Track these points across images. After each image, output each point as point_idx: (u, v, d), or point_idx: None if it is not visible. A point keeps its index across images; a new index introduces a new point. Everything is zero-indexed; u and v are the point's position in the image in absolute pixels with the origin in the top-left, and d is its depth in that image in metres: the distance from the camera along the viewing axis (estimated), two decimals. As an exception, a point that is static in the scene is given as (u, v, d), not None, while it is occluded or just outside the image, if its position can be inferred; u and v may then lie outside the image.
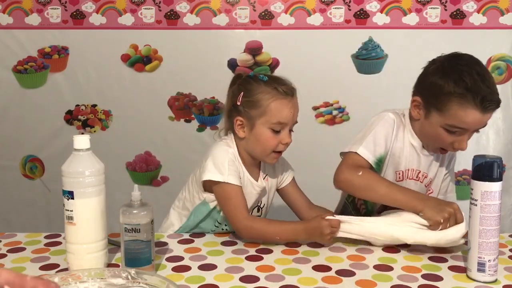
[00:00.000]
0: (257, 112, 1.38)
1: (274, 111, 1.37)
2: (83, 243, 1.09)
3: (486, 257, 1.05)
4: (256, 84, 1.40)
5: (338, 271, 1.12)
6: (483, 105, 1.27)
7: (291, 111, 1.39)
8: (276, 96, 1.38)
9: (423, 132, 1.42)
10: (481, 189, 1.03)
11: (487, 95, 1.28)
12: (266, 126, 1.37)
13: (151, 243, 1.07)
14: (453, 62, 1.37)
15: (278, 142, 1.38)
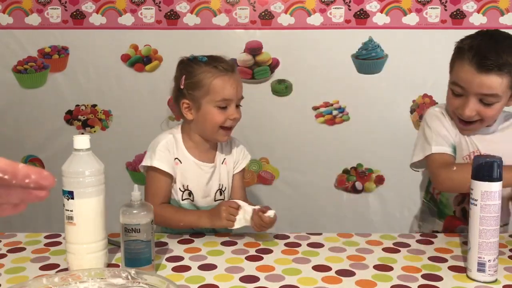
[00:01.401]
0: (201, 92, 1.41)
1: (217, 89, 1.40)
2: (83, 243, 1.09)
3: (486, 257, 1.05)
4: (197, 65, 1.43)
5: (338, 271, 1.12)
6: (477, 62, 1.26)
7: (233, 86, 1.42)
8: (216, 74, 1.41)
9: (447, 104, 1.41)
10: (481, 189, 1.03)
11: (485, 53, 1.26)
12: (212, 104, 1.41)
13: (151, 243, 1.07)
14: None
15: (226, 118, 1.42)
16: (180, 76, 1.45)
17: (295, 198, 2.46)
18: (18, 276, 1.09)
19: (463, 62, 1.31)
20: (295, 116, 2.42)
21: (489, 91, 1.29)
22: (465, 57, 1.30)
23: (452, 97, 1.35)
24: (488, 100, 1.30)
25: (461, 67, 1.31)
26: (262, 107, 2.39)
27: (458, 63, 1.32)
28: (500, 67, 1.26)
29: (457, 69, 1.33)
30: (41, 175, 0.57)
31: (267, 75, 2.40)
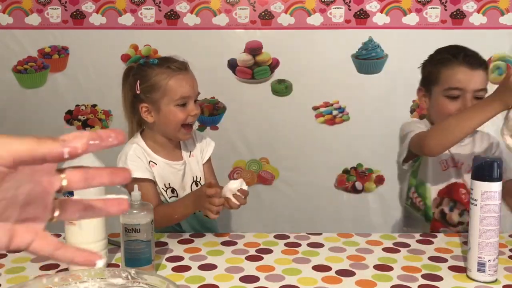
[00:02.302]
0: (158, 94, 1.43)
1: (174, 88, 1.42)
2: (83, 243, 1.09)
3: (486, 257, 1.05)
4: (149, 69, 1.45)
5: (338, 271, 1.12)
6: (466, 60, 1.42)
7: (189, 83, 1.44)
8: (171, 74, 1.43)
9: (436, 115, 1.51)
10: (481, 189, 1.03)
11: (468, 52, 1.44)
12: (171, 104, 1.43)
13: (151, 243, 1.07)
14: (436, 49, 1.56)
15: (187, 115, 1.44)
16: (134, 82, 1.46)
17: (295, 198, 2.46)
18: (18, 276, 1.09)
19: (454, 66, 1.44)
20: (295, 116, 2.42)
21: (481, 86, 1.43)
22: (455, 62, 1.43)
23: (448, 103, 1.45)
24: (480, 94, 1.43)
25: (454, 71, 1.44)
26: (262, 107, 2.39)
27: (448, 70, 1.45)
28: (483, 63, 1.45)
29: (449, 75, 1.44)
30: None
31: (267, 75, 2.40)
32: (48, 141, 0.46)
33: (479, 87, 1.43)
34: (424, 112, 2.42)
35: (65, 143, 0.47)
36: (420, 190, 1.56)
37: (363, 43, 2.37)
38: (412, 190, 1.58)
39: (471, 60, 1.42)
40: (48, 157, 0.45)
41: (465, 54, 1.44)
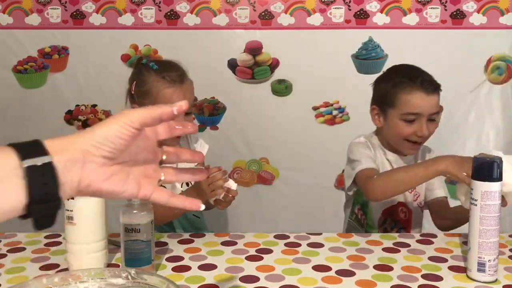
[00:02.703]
0: (149, 101, 1.43)
1: (163, 100, 1.41)
2: (83, 243, 1.09)
3: (486, 257, 1.05)
4: (147, 73, 1.46)
5: (338, 271, 1.12)
6: (423, 85, 1.46)
7: (181, 97, 1.42)
8: (164, 85, 1.43)
9: (388, 135, 1.55)
10: (481, 189, 1.03)
11: (424, 77, 1.49)
12: None
13: (151, 243, 1.07)
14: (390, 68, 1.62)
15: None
16: (131, 80, 1.48)
17: (295, 198, 2.46)
18: (18, 276, 1.09)
19: (411, 91, 1.47)
20: (295, 116, 2.42)
21: (436, 109, 1.49)
22: (413, 86, 1.47)
23: (404, 126, 1.49)
24: (434, 117, 1.49)
25: (410, 96, 1.47)
26: (262, 107, 2.39)
27: (405, 95, 1.48)
28: (437, 87, 1.50)
29: (407, 100, 1.48)
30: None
31: (267, 75, 2.40)
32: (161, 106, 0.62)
33: (434, 111, 1.48)
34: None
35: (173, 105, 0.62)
36: (365, 209, 1.60)
37: (363, 43, 2.37)
38: (357, 206, 1.62)
39: (427, 86, 1.46)
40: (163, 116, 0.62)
41: (422, 79, 1.47)
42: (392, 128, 1.52)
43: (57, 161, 0.55)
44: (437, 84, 1.50)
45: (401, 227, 1.61)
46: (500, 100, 2.41)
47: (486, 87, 2.40)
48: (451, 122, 2.41)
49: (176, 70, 1.46)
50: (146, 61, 1.48)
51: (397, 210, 1.58)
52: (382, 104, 1.55)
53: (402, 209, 1.59)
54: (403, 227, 1.61)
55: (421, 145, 1.54)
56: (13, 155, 0.53)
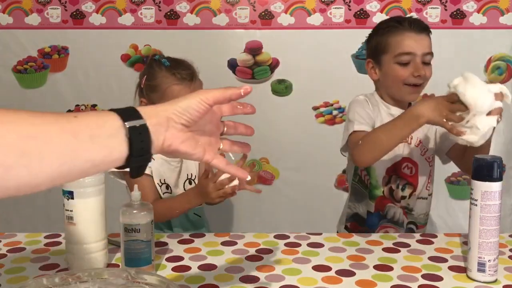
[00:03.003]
0: (156, 96, 1.45)
1: (171, 96, 1.42)
2: (83, 243, 1.09)
3: (486, 257, 1.05)
4: (158, 69, 1.47)
5: (338, 271, 1.11)
6: (412, 26, 1.48)
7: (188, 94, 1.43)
8: (173, 82, 1.44)
9: (387, 85, 1.54)
10: (481, 189, 1.03)
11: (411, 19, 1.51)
12: None
13: (151, 243, 1.07)
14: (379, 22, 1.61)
15: None
16: (142, 75, 1.50)
17: (295, 198, 2.46)
18: (18, 276, 1.09)
19: (402, 33, 1.48)
20: (295, 116, 2.42)
21: (428, 49, 1.48)
22: (402, 28, 1.48)
23: (400, 69, 1.48)
24: (427, 58, 1.49)
25: (402, 37, 1.48)
26: (262, 107, 2.39)
27: (396, 37, 1.48)
28: (426, 27, 1.50)
29: (397, 42, 1.48)
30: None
31: (267, 75, 2.40)
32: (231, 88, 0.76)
33: (427, 51, 1.48)
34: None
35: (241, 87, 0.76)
36: (368, 169, 1.57)
37: (363, 43, 2.37)
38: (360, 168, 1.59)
39: (416, 26, 1.48)
40: (232, 97, 0.76)
41: (409, 20, 1.49)
42: (389, 75, 1.51)
43: (149, 124, 0.68)
44: (426, 25, 1.50)
45: (405, 183, 1.56)
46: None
47: (486, 87, 2.40)
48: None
49: (187, 69, 1.48)
50: (158, 57, 1.49)
51: (399, 167, 1.55)
52: (375, 54, 1.54)
53: (407, 165, 1.55)
54: (409, 183, 1.56)
55: (421, 87, 1.51)
56: (117, 117, 0.68)
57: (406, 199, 1.56)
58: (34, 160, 0.58)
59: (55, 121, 0.63)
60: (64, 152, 0.61)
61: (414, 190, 1.57)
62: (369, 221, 1.59)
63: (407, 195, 1.56)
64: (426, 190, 1.60)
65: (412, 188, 1.56)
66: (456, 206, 2.43)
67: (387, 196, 1.57)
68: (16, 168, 0.57)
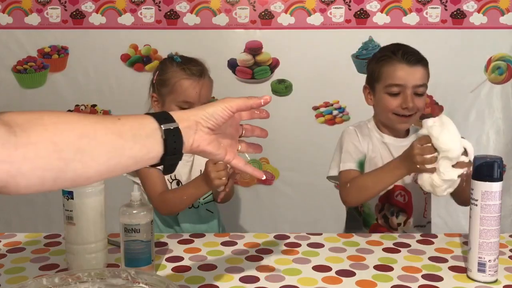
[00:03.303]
0: (166, 90, 1.48)
1: (179, 90, 1.46)
2: (82, 243, 1.09)
3: (486, 257, 1.05)
4: (170, 64, 1.51)
5: (338, 271, 1.11)
6: (405, 58, 1.48)
7: (196, 91, 1.47)
8: (183, 76, 1.47)
9: (378, 112, 1.57)
10: (481, 189, 1.03)
11: (407, 49, 1.51)
12: (173, 103, 1.47)
13: (151, 243, 1.07)
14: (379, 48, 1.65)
15: None
16: (156, 71, 1.53)
17: (295, 198, 2.46)
18: (18, 276, 1.09)
19: (393, 63, 1.49)
20: (295, 116, 2.41)
21: (420, 81, 1.48)
22: (394, 59, 1.49)
23: (389, 99, 1.50)
24: (420, 90, 1.49)
25: (394, 68, 1.49)
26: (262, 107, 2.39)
27: (388, 67, 1.50)
28: (422, 59, 1.50)
29: (389, 72, 1.50)
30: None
31: (267, 75, 2.40)
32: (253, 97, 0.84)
33: (419, 83, 1.48)
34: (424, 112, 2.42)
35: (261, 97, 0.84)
36: None
37: (363, 43, 2.37)
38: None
39: (409, 57, 1.47)
40: (254, 105, 0.84)
41: (403, 51, 1.49)
42: (379, 103, 1.53)
43: (181, 127, 0.77)
44: (421, 57, 1.50)
45: (399, 210, 1.57)
46: (500, 100, 2.41)
47: (486, 87, 2.40)
48: (451, 122, 2.41)
49: (197, 65, 1.51)
50: (171, 55, 1.53)
51: (391, 194, 1.55)
52: (370, 81, 1.56)
53: (400, 193, 1.56)
54: (403, 211, 1.57)
55: (410, 118, 1.51)
56: (153, 120, 0.75)
57: (402, 227, 1.56)
58: (87, 156, 0.68)
59: (102, 122, 0.72)
60: (111, 150, 0.70)
61: (409, 218, 1.56)
62: None
63: (402, 222, 1.56)
64: (424, 218, 1.60)
65: (406, 216, 1.56)
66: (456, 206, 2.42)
67: (382, 224, 1.57)
68: (73, 163, 0.66)
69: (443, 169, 1.19)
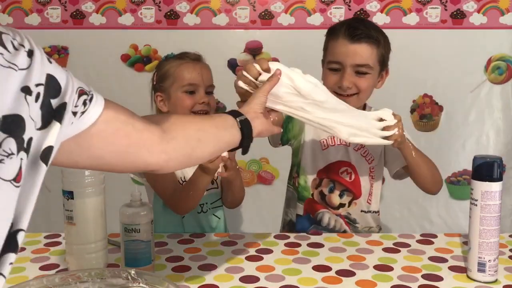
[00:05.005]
0: (168, 82, 1.47)
1: (182, 75, 1.45)
2: (83, 243, 1.09)
3: (486, 257, 1.05)
4: (166, 61, 1.54)
5: (338, 271, 1.11)
6: (349, 33, 1.35)
7: (198, 71, 1.47)
8: (182, 63, 1.47)
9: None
10: (481, 189, 1.03)
11: (355, 26, 1.37)
12: (179, 91, 1.46)
13: (151, 243, 1.07)
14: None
15: (194, 103, 1.45)
16: (153, 73, 1.53)
17: (295, 198, 2.46)
18: (18, 276, 1.09)
19: (336, 38, 1.38)
20: (295, 116, 2.41)
21: (362, 61, 1.35)
22: (338, 33, 1.38)
23: (329, 75, 1.40)
24: (362, 70, 1.36)
25: (335, 43, 1.38)
26: (262, 107, 2.39)
27: (332, 42, 1.40)
28: (368, 37, 1.35)
29: (331, 47, 1.40)
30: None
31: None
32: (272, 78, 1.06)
33: (359, 62, 1.35)
34: (424, 112, 2.42)
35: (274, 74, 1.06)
36: (299, 168, 1.51)
37: (363, 43, 2.37)
38: (294, 169, 1.53)
39: (352, 32, 1.34)
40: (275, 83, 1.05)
41: (349, 26, 1.36)
42: (323, 78, 1.42)
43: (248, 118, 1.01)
44: (370, 34, 1.36)
45: (344, 189, 1.47)
46: (500, 100, 2.41)
47: (486, 87, 2.40)
48: (451, 122, 2.41)
49: (193, 53, 1.52)
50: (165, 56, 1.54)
51: (335, 169, 1.46)
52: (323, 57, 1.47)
53: (347, 170, 1.45)
54: (348, 189, 1.46)
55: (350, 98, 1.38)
56: (230, 116, 1.00)
57: (346, 207, 1.47)
58: (204, 145, 0.92)
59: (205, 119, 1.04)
60: (215, 139, 0.96)
61: (354, 198, 1.46)
62: (299, 225, 1.50)
63: (346, 203, 1.47)
64: (367, 203, 1.48)
65: (352, 196, 1.46)
66: (456, 206, 2.43)
67: (318, 201, 1.49)
68: (196, 149, 0.91)
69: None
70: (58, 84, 0.64)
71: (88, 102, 0.71)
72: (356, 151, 1.46)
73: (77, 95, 0.68)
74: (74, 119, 0.67)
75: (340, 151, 1.47)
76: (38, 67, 0.60)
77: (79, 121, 0.69)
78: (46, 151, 0.61)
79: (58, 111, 0.63)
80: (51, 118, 0.62)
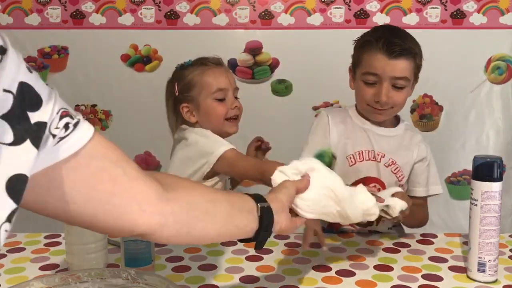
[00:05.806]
0: (196, 91, 1.42)
1: (209, 81, 1.41)
2: (82, 243, 1.09)
3: (486, 257, 1.05)
4: (184, 70, 1.46)
5: (338, 271, 1.12)
6: (387, 48, 1.35)
7: (224, 75, 1.44)
8: (205, 69, 1.43)
9: (357, 99, 1.48)
10: (481, 189, 1.03)
11: (392, 39, 1.37)
12: (209, 98, 1.42)
13: (151, 243, 1.07)
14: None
15: (227, 109, 1.43)
16: (172, 86, 1.47)
17: (295, 198, 2.46)
18: (18, 276, 1.09)
19: (373, 53, 1.38)
20: (295, 116, 2.41)
21: (400, 74, 1.37)
22: (374, 48, 1.38)
23: (365, 88, 1.41)
24: (399, 83, 1.38)
25: (371, 57, 1.39)
26: (262, 107, 2.39)
27: (367, 55, 1.40)
28: (407, 52, 1.37)
29: (367, 60, 1.40)
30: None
31: (267, 75, 2.40)
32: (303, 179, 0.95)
33: (398, 75, 1.37)
34: (424, 112, 2.42)
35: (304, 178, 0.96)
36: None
37: (363, 43, 2.37)
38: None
39: (390, 49, 1.35)
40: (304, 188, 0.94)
41: (385, 40, 1.36)
42: (357, 89, 1.45)
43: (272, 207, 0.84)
44: (405, 48, 1.37)
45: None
46: (500, 100, 2.41)
47: (486, 87, 2.40)
48: (451, 122, 2.41)
49: (212, 58, 1.47)
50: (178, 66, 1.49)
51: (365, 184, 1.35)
52: (353, 65, 1.48)
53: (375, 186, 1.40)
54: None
55: (384, 111, 1.40)
56: (250, 198, 0.83)
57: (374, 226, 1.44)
58: (211, 220, 0.76)
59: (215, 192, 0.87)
60: (225, 216, 0.78)
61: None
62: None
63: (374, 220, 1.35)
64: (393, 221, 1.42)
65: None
66: (456, 206, 2.43)
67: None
68: (201, 222, 0.74)
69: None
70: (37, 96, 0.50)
71: (72, 126, 0.55)
72: (387, 167, 1.45)
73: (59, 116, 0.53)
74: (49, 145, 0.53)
75: (371, 167, 1.45)
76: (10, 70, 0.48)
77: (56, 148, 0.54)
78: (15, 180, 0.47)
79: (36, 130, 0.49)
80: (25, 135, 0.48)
